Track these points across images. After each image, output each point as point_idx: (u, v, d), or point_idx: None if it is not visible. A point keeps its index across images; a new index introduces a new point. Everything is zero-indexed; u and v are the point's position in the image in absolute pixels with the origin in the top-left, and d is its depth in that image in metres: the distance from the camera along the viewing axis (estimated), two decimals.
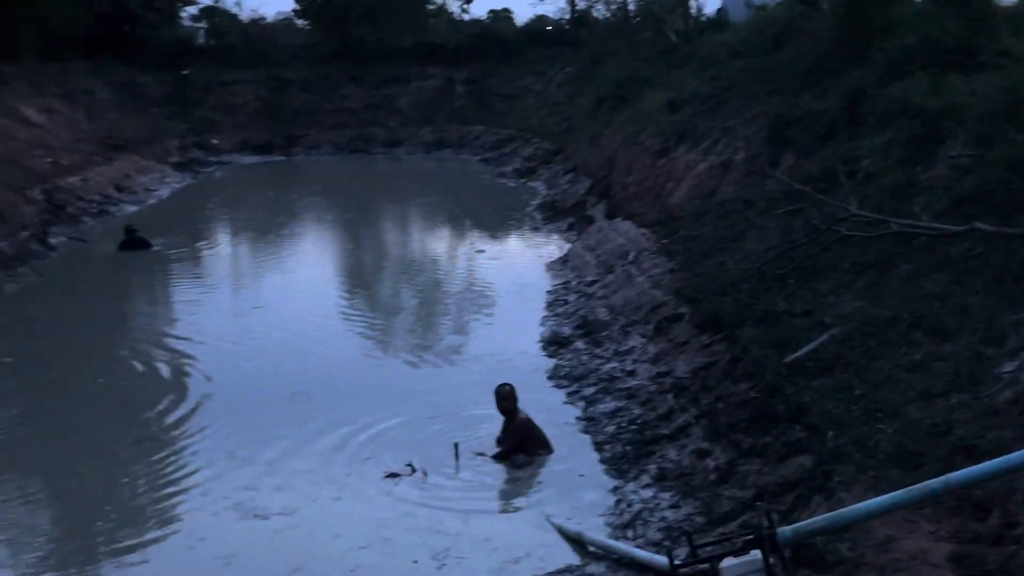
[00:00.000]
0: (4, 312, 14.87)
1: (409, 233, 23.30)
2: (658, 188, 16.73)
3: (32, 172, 22.66)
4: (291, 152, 35.67)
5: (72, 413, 10.67)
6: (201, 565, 7.39)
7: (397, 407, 10.54)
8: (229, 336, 13.39)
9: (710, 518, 7.30)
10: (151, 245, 18.78)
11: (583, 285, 14.71)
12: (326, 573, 7.22)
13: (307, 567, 7.27)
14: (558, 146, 28.33)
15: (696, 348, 10.14)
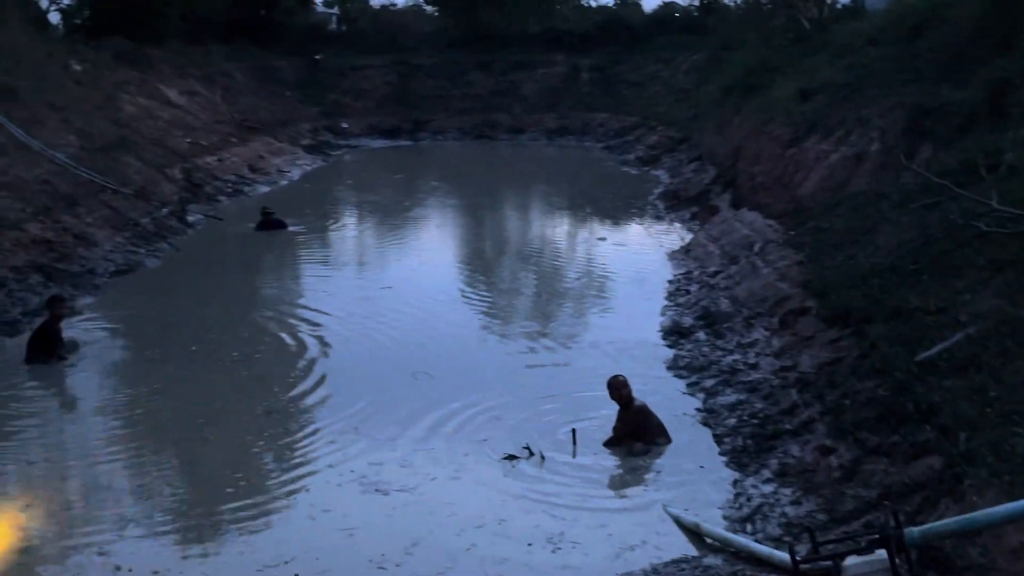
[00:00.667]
0: (145, 286, 15.57)
1: (530, 219, 23.41)
2: (787, 178, 16.38)
3: (173, 152, 23.62)
4: (417, 137, 36.20)
5: (206, 384, 11.12)
6: (323, 536, 7.61)
7: (515, 391, 10.65)
8: (356, 314, 13.73)
9: (832, 516, 7.17)
10: (286, 226, 19.39)
11: (706, 275, 14.54)
12: (442, 550, 7.34)
13: (424, 543, 7.43)
14: (683, 134, 28.01)
15: (823, 343, 9.93)
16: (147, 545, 7.52)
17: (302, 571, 7.03)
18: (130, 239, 17.57)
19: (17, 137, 18.03)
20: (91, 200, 18.05)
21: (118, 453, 9.22)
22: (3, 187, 16.21)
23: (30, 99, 19.89)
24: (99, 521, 7.92)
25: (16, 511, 8.10)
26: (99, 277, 15.44)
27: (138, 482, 8.66)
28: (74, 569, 7.20)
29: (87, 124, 21.18)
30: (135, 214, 18.68)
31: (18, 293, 13.76)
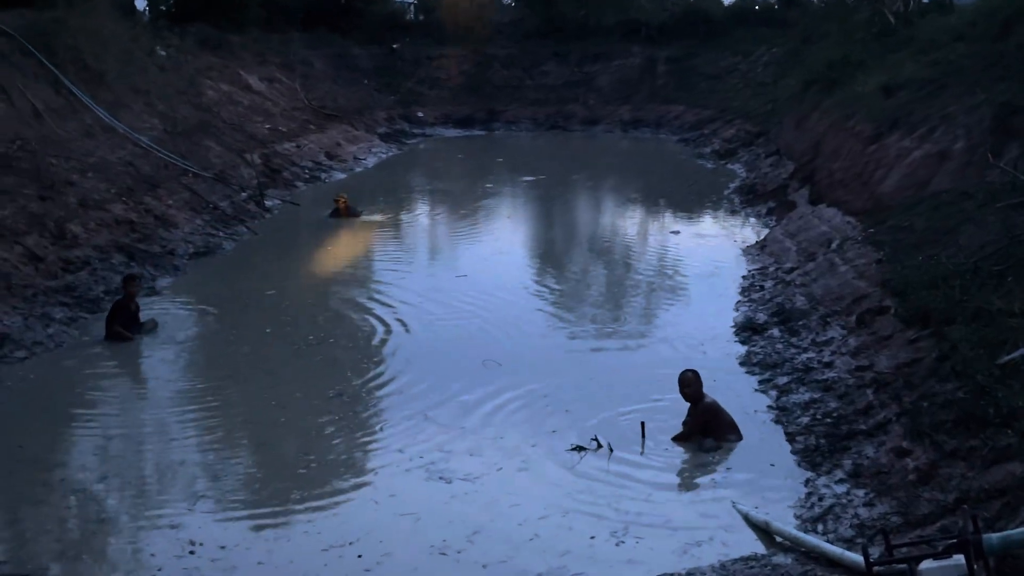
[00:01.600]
0: (223, 268, 15.88)
1: (603, 211, 23.32)
2: (867, 175, 16.05)
3: (252, 137, 24.02)
4: (491, 127, 36.27)
5: (280, 366, 11.30)
6: (387, 520, 7.70)
7: (584, 383, 10.64)
8: (428, 302, 13.83)
9: (907, 519, 7.03)
10: (359, 214, 19.59)
11: (781, 272, 14.34)
12: (504, 539, 7.37)
13: (486, 531, 7.47)
14: (761, 128, 27.62)
15: (901, 343, 9.72)
16: (217, 521, 7.70)
17: (365, 553, 7.11)
18: (209, 222, 17.93)
19: (103, 120, 18.49)
20: (172, 183, 18.45)
21: (192, 431, 9.43)
22: (89, 168, 16.65)
23: (116, 83, 20.38)
24: (172, 497, 8.13)
25: (92, 484, 8.34)
26: (179, 258, 15.79)
27: (210, 460, 8.85)
28: (146, 542, 7.39)
29: (170, 108, 21.65)
30: (214, 197, 19.05)
31: (101, 272, 14.13)
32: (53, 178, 15.35)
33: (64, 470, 8.62)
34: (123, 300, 12.29)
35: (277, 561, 7.10)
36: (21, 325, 11.84)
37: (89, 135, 17.87)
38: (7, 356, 11.11)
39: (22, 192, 14.44)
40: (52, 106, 17.48)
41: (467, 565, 6.98)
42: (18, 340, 11.50)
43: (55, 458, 8.87)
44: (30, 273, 13.00)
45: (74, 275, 13.65)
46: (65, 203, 15.06)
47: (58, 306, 12.68)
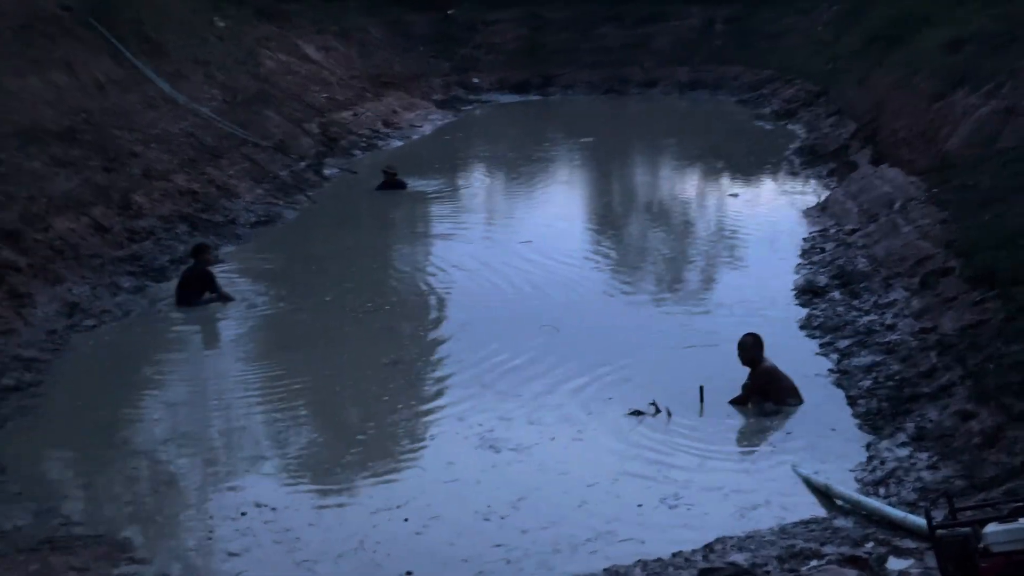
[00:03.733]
0: (283, 237, 16.07)
1: (660, 174, 23.12)
2: (931, 133, 15.69)
3: (310, 106, 24.17)
4: (547, 91, 36.03)
5: (339, 334, 11.46)
6: (436, 485, 7.79)
7: (642, 348, 10.62)
8: (485, 268, 13.87)
9: (971, 482, 6.94)
10: (406, 186, 19.36)
11: (842, 233, 14.12)
12: (550, 506, 7.38)
13: (531, 498, 7.49)
14: (822, 87, 27.07)
15: (966, 304, 9.54)
16: (272, 485, 7.90)
17: (412, 516, 7.24)
18: (269, 191, 18.14)
19: (164, 91, 18.75)
20: (233, 153, 18.68)
21: (254, 398, 9.63)
22: (152, 139, 16.93)
23: (176, 54, 20.63)
24: (230, 460, 8.37)
25: (157, 446, 8.57)
26: (240, 227, 16.01)
27: (270, 426, 9.05)
28: (204, 503, 7.62)
29: (229, 79, 21.87)
30: (274, 167, 19.25)
31: (165, 241, 14.40)
32: (117, 150, 15.64)
33: (130, 433, 8.88)
34: (196, 267, 12.53)
35: (327, 523, 7.26)
36: (89, 294, 12.14)
37: (151, 107, 18.15)
38: (77, 324, 11.40)
39: (87, 164, 14.73)
40: (114, 78, 17.76)
41: (509, 530, 7.04)
42: (87, 309, 11.79)
43: (122, 422, 9.13)
44: (97, 243, 13.30)
45: (139, 245, 13.93)
46: (129, 174, 15.34)
47: (125, 275, 12.97)
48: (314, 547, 6.89)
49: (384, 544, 6.89)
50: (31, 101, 14.95)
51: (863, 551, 6.31)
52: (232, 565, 6.72)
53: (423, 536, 7.01)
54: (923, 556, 6.05)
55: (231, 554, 6.86)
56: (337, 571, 6.61)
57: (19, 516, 7.25)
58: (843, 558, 6.24)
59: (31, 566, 6.43)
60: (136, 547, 6.90)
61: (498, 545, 6.82)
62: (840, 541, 6.52)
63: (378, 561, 6.69)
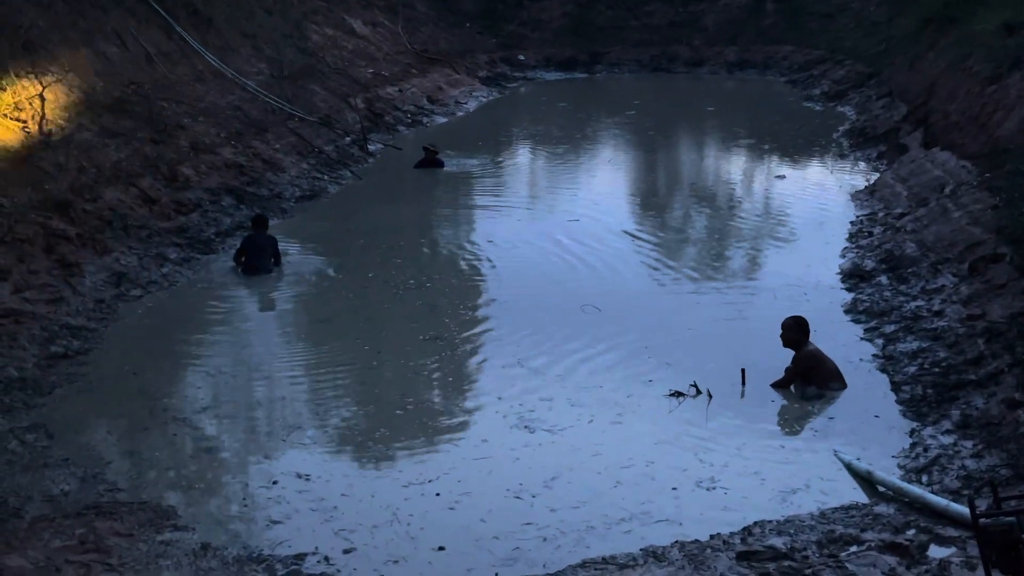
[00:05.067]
0: (327, 212, 16.15)
1: (707, 154, 22.93)
2: (984, 118, 15.39)
3: (356, 81, 24.23)
4: (593, 69, 35.81)
5: (381, 309, 11.52)
6: (468, 463, 7.82)
7: (684, 331, 10.58)
8: (527, 247, 13.88)
9: (1017, 472, 6.85)
10: (444, 164, 19.31)
11: (891, 217, 13.93)
12: (582, 487, 7.38)
13: (563, 478, 7.49)
14: (872, 69, 26.65)
15: (1016, 292, 9.38)
16: (307, 455, 7.99)
17: (443, 492, 7.29)
18: (315, 166, 18.23)
19: (212, 64, 18.89)
20: (279, 127, 18.78)
21: (296, 370, 9.75)
22: (199, 112, 17.07)
23: (224, 27, 20.74)
24: (268, 430, 8.48)
25: (199, 415, 8.69)
26: (286, 201, 16.12)
27: (310, 398, 9.16)
28: (248, 472, 7.73)
29: (276, 53, 21.96)
30: (320, 141, 19.34)
31: (212, 214, 14.53)
32: (165, 122, 15.78)
33: (174, 402, 9.01)
34: (263, 236, 13.02)
35: (359, 494, 7.35)
36: (137, 264, 12.29)
37: (199, 79, 18.29)
38: (124, 294, 11.56)
39: (136, 135, 14.89)
40: (163, 51, 17.92)
41: (539, 509, 7.05)
42: (134, 279, 11.95)
43: (167, 390, 9.26)
44: (144, 215, 13.46)
45: (186, 217, 14.08)
46: (177, 146, 15.49)
47: (171, 247, 13.11)
48: (349, 518, 6.98)
49: (417, 518, 6.95)
50: (83, 72, 15.12)
51: (904, 538, 6.25)
52: (274, 533, 6.81)
53: (455, 512, 7.06)
54: (965, 545, 5.99)
55: (272, 522, 6.96)
56: (373, 542, 6.68)
57: (66, 481, 7.40)
58: (883, 545, 6.19)
59: (77, 530, 6.56)
60: (179, 514, 7.02)
61: (528, 523, 6.85)
62: (881, 528, 6.47)
63: (412, 534, 6.75)
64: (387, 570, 6.33)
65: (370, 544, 6.65)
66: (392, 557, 6.50)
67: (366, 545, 6.64)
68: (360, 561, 6.45)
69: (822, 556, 6.12)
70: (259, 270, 12.63)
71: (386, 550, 6.58)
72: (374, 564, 6.42)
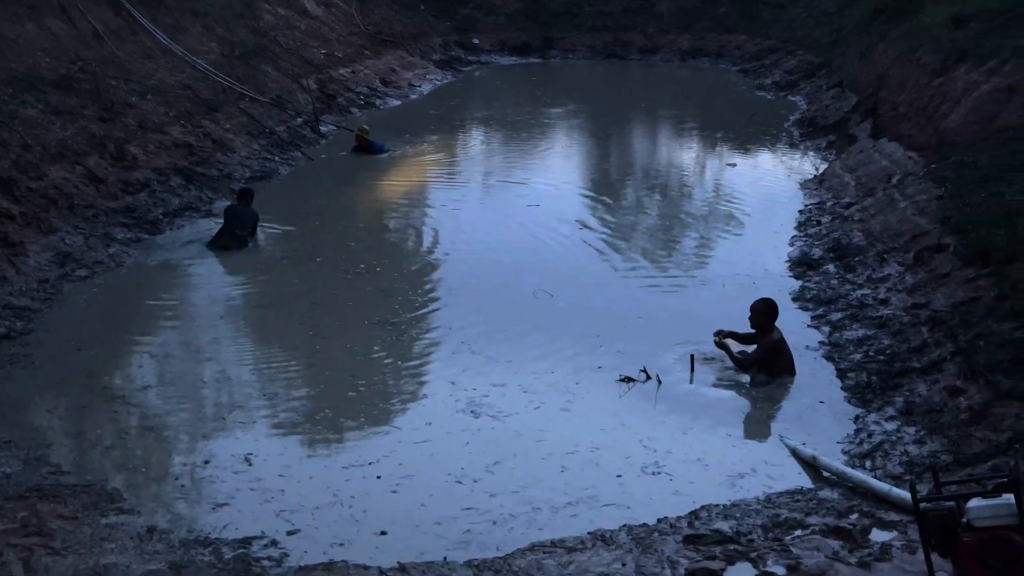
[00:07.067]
0: (278, 194, 15.98)
1: (659, 142, 23.02)
2: (931, 109, 15.63)
3: (309, 62, 23.97)
4: (547, 55, 35.76)
5: (330, 294, 11.42)
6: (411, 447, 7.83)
7: (635, 318, 10.62)
8: (479, 232, 13.86)
9: (957, 458, 6.99)
10: (384, 150, 18.98)
11: (839, 206, 14.11)
12: (524, 472, 7.40)
13: (506, 464, 7.52)
14: (823, 59, 26.93)
15: (959, 281, 9.56)
16: (255, 436, 7.98)
17: (385, 475, 7.29)
18: (265, 147, 18.03)
19: (162, 42, 18.58)
20: (230, 107, 18.54)
21: (241, 352, 9.71)
22: (148, 91, 16.79)
23: (174, 6, 20.41)
24: (218, 411, 8.44)
25: (145, 397, 8.59)
26: (235, 182, 15.91)
27: (253, 379, 9.12)
28: (193, 454, 7.70)
29: (228, 32, 21.66)
30: (271, 122, 19.12)
31: (160, 194, 14.32)
32: (113, 100, 15.51)
33: (119, 383, 8.92)
34: (247, 209, 13.22)
35: (301, 476, 7.34)
36: (82, 244, 12.09)
37: (148, 57, 17.98)
38: (69, 274, 11.37)
39: (83, 113, 14.61)
40: (112, 27, 17.58)
41: (479, 494, 7.08)
42: (79, 259, 11.75)
43: (112, 371, 9.16)
44: (91, 194, 13.22)
45: (134, 196, 13.85)
46: (125, 125, 15.23)
47: (118, 227, 12.91)
48: (292, 499, 6.97)
49: (359, 499, 6.97)
50: (27, 48, 14.80)
51: (847, 522, 6.36)
52: (219, 515, 6.77)
53: (397, 495, 7.07)
54: (907, 529, 6.11)
55: (217, 504, 6.92)
56: (317, 524, 6.67)
57: (8, 464, 7.28)
58: (827, 529, 6.30)
59: (19, 513, 6.45)
60: (124, 496, 6.94)
61: (469, 508, 6.87)
62: (825, 512, 6.57)
63: (355, 517, 6.75)
64: (334, 552, 6.30)
65: (314, 526, 6.64)
66: (337, 539, 6.49)
67: (310, 527, 6.63)
68: (306, 543, 6.43)
69: (767, 540, 6.21)
70: (226, 246, 12.64)
71: (330, 532, 6.57)
72: (320, 546, 6.40)
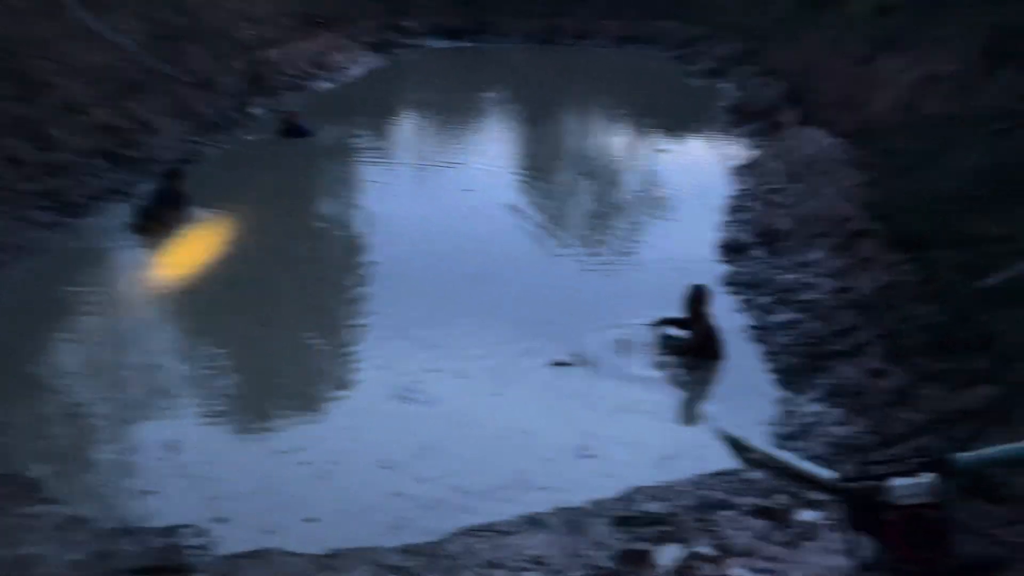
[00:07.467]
0: (205, 177, 15.62)
1: (591, 128, 23.11)
2: (857, 97, 15.93)
3: (237, 43, 23.55)
4: (480, 39, 35.65)
5: (260, 279, 11.26)
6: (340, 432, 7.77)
7: (568, 303, 10.65)
8: (412, 218, 13.75)
9: (880, 438, 7.15)
10: (313, 134, 18.56)
11: (767, 192, 14.32)
12: (453, 457, 7.37)
13: (435, 449, 7.47)
14: (753, 46, 27.27)
15: (882, 266, 9.77)
16: (183, 423, 7.83)
17: (311, 461, 7.24)
18: (192, 129, 17.67)
19: (86, 22, 18.10)
20: (155, 88, 18.12)
21: (167, 338, 9.61)
22: (71, 71, 16.34)
23: None
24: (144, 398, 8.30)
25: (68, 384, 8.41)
26: (161, 165, 15.56)
27: (181, 366, 9.00)
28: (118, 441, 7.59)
29: (153, 11, 21.16)
30: (198, 104, 18.75)
31: (83, 177, 13.96)
32: (35, 80, 15.07)
33: (41, 370, 8.71)
34: (173, 190, 12.92)
35: (229, 462, 7.26)
36: (2, 228, 11.74)
37: (71, 37, 17.49)
38: None
39: (2, 94, 14.18)
40: (33, 5, 17.08)
41: (408, 480, 7.04)
42: None
43: (33, 358, 8.91)
44: (11, 177, 12.83)
45: (55, 179, 13.48)
46: (47, 106, 14.80)
47: (39, 210, 12.55)
48: (220, 487, 6.88)
49: (288, 486, 6.90)
50: None
51: (774, 502, 6.47)
52: (144, 503, 6.66)
53: (325, 482, 7.00)
54: (831, 508, 6.23)
55: (142, 492, 6.81)
56: (245, 511, 6.59)
57: None
58: (755, 509, 6.41)
59: None
60: (47, 485, 6.77)
61: (398, 494, 6.83)
62: (753, 493, 6.68)
63: (284, 504, 6.68)
64: (262, 540, 6.22)
65: (242, 514, 6.55)
66: (266, 527, 6.40)
67: (238, 514, 6.54)
68: (234, 531, 6.33)
69: (697, 521, 6.29)
70: (152, 229, 12.30)
71: (259, 520, 6.49)
72: (249, 534, 6.30)
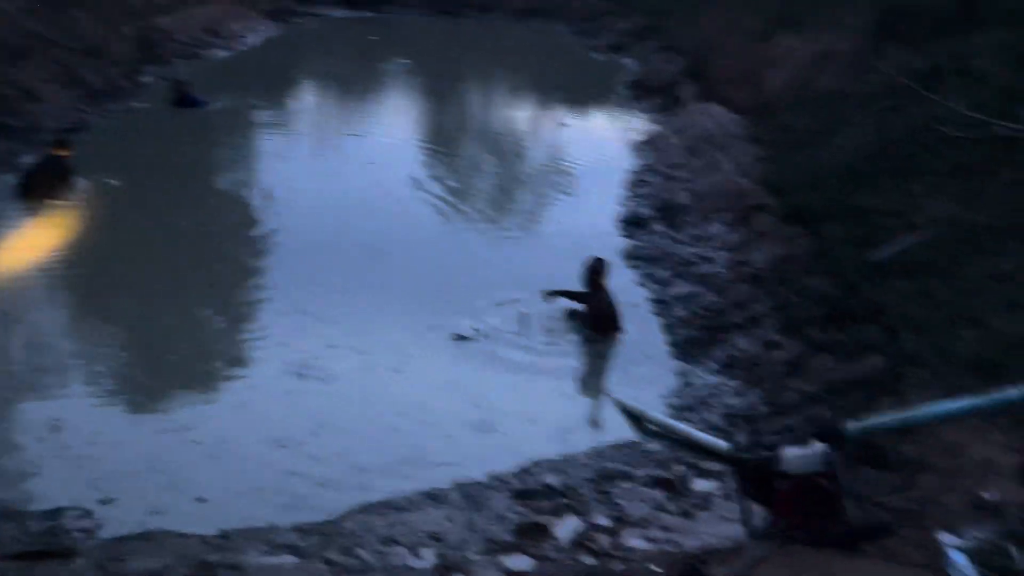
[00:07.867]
0: (93, 147, 15.07)
1: (492, 101, 22.99)
2: (755, 74, 16.17)
3: (127, 8, 22.71)
4: (380, 8, 35.09)
5: (157, 256, 10.88)
6: (228, 411, 7.63)
7: (469, 276, 10.57)
8: (310, 192, 13.44)
9: (775, 408, 7.29)
10: (206, 104, 17.95)
11: (667, 167, 14.43)
12: (349, 434, 7.29)
13: (331, 426, 7.37)
14: (655, 22, 27.46)
15: (777, 240, 9.95)
16: (67, 402, 7.58)
17: (202, 439, 7.08)
18: (79, 97, 16.99)
19: None
20: (40, 55, 17.35)
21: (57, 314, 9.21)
22: None
23: None
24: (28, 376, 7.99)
25: None
26: (46, 134, 14.91)
27: (71, 343, 8.71)
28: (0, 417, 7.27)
29: None
30: (85, 72, 18.03)
31: None
32: None
33: None
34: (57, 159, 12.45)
35: (114, 442, 7.03)
36: None
37: None
38: None
39: None
40: None
41: (303, 458, 6.93)
42: None
43: None
44: None
45: None
46: None
47: None
48: (105, 466, 6.66)
49: (177, 466, 6.72)
50: None
51: (671, 473, 6.54)
52: (26, 486, 6.41)
53: (216, 461, 6.84)
54: (726, 478, 6.31)
55: (24, 473, 6.55)
56: (132, 492, 6.39)
57: None
58: (652, 480, 6.46)
59: None
60: None
61: (292, 473, 6.71)
62: (650, 464, 6.74)
63: (172, 484, 6.51)
64: (151, 521, 6.02)
65: (129, 494, 6.35)
66: (154, 508, 6.21)
67: (125, 495, 6.34)
68: (121, 513, 6.14)
69: (594, 492, 6.31)
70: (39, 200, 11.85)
71: (146, 500, 6.30)
72: (136, 516, 6.11)
